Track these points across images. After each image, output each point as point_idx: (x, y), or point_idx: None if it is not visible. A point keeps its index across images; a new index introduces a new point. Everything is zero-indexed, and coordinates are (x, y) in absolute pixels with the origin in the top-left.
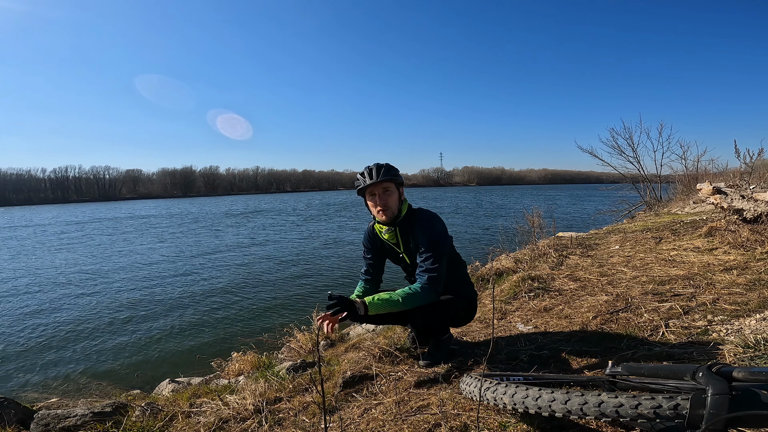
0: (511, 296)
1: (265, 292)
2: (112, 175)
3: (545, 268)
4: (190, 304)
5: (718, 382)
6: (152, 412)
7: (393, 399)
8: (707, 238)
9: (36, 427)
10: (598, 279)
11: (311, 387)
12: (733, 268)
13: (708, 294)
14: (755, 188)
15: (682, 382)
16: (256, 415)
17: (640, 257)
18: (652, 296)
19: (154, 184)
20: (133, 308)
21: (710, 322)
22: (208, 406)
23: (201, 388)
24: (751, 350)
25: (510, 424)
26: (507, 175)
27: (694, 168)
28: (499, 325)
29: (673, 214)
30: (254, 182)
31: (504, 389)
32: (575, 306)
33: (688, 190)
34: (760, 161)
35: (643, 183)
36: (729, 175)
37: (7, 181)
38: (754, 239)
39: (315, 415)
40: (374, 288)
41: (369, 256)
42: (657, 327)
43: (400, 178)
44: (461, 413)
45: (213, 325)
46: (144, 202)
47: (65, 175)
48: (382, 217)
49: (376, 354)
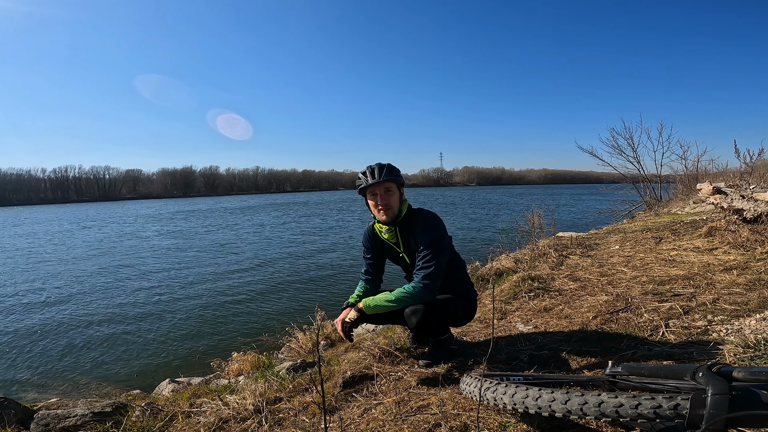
0: (511, 296)
1: (265, 291)
2: (112, 175)
3: (545, 268)
4: (190, 303)
5: (718, 382)
6: (152, 412)
7: (393, 399)
8: (707, 238)
9: (36, 427)
10: (598, 279)
11: (311, 387)
12: (733, 268)
13: (708, 294)
14: (755, 188)
15: (682, 382)
16: (256, 415)
17: (640, 257)
18: (652, 296)
19: (154, 184)
20: (132, 308)
21: (710, 322)
22: (208, 406)
23: (201, 388)
24: (751, 350)
25: (510, 424)
26: (507, 175)
27: (694, 168)
28: (499, 325)
29: (673, 214)
30: (254, 182)
31: (504, 389)
32: (575, 306)
33: (688, 190)
34: (760, 161)
35: (643, 183)
36: (729, 175)
37: (7, 181)
38: (754, 239)
39: (315, 415)
40: (374, 287)
41: (369, 256)
42: (657, 327)
43: (401, 178)
44: (461, 413)
45: (213, 325)
46: (144, 202)
47: (65, 175)
48: (383, 216)
49: (376, 354)
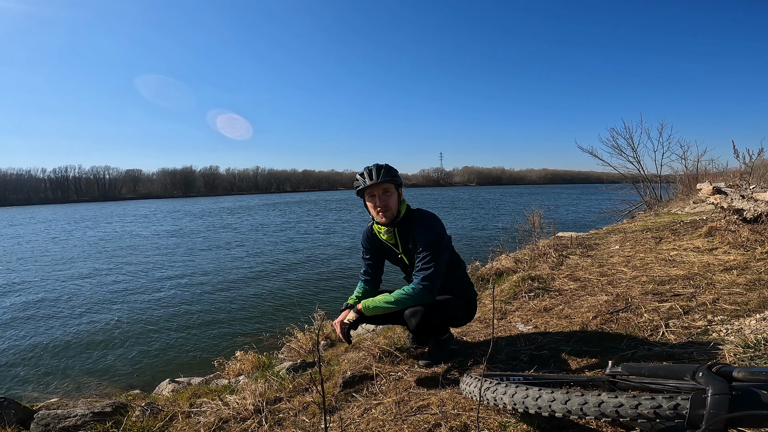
0: (511, 296)
1: (266, 291)
2: (112, 175)
3: (545, 268)
4: (189, 303)
5: (718, 382)
6: (152, 412)
7: (393, 399)
8: (707, 238)
9: (36, 427)
10: (598, 279)
11: (311, 387)
12: (733, 268)
13: (708, 294)
14: (755, 188)
15: (682, 382)
16: (256, 415)
17: (640, 257)
18: (652, 296)
19: (154, 184)
20: (132, 308)
21: (710, 322)
22: (208, 406)
23: (201, 388)
24: (751, 350)
25: (510, 424)
26: (507, 175)
27: (694, 168)
28: (499, 325)
29: (673, 214)
30: (254, 182)
31: (504, 389)
32: (575, 306)
33: (688, 190)
34: (759, 161)
35: (643, 183)
36: (729, 175)
37: (7, 181)
38: (754, 239)
39: (315, 415)
40: (374, 288)
41: (368, 257)
42: (657, 327)
43: (399, 179)
44: (461, 413)
45: (213, 325)
46: (144, 202)
47: (65, 175)
48: (382, 218)
49: (376, 354)
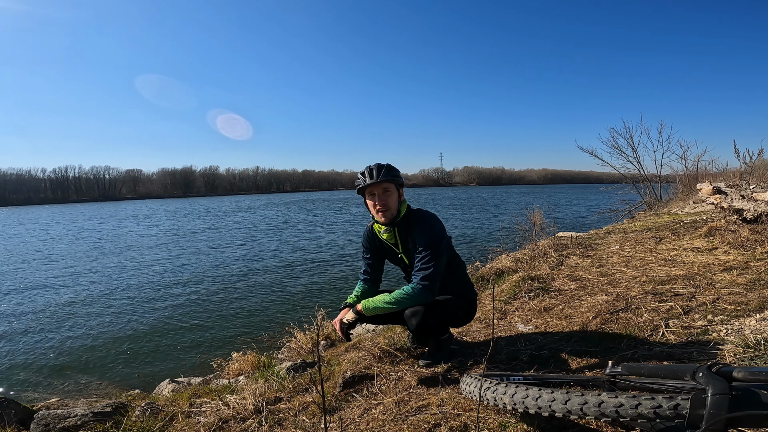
0: (511, 296)
1: (266, 291)
2: (112, 175)
3: (545, 268)
4: (189, 303)
5: (718, 382)
6: (152, 412)
7: (393, 399)
8: (707, 238)
9: (36, 427)
10: (598, 279)
11: (311, 387)
12: (733, 268)
13: (708, 294)
14: (755, 188)
15: (682, 382)
16: (256, 415)
17: (640, 257)
18: (652, 296)
19: (154, 184)
20: (132, 308)
21: (710, 322)
22: (208, 406)
23: (201, 388)
24: (751, 350)
25: (510, 424)
26: (507, 175)
27: (694, 168)
28: (499, 325)
29: (673, 214)
30: (254, 182)
31: (504, 389)
32: (575, 306)
33: (688, 190)
34: (760, 161)
35: (643, 183)
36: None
37: (7, 181)
38: (754, 239)
39: (315, 415)
40: (373, 288)
41: (368, 257)
42: (657, 327)
43: (400, 178)
44: (461, 413)
45: (213, 325)
46: (144, 202)
47: (65, 175)
48: (381, 217)
49: (376, 354)
